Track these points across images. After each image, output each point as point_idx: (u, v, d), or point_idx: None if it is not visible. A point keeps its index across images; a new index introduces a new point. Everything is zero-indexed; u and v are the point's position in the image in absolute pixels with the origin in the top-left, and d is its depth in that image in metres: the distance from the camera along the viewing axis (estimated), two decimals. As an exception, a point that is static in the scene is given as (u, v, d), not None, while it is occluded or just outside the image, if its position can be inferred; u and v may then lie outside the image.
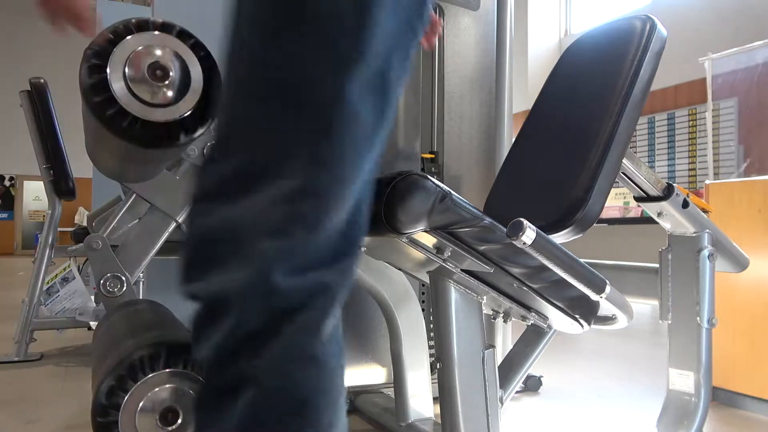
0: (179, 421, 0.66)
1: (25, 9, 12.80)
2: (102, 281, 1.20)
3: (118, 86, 0.72)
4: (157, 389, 0.66)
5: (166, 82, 0.74)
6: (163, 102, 0.75)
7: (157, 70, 0.74)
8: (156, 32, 0.75)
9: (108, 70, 0.72)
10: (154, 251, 1.29)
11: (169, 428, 0.66)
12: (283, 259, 0.54)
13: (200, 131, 0.78)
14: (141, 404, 0.65)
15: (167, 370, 0.66)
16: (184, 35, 0.78)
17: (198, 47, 0.79)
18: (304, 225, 0.54)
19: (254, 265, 0.53)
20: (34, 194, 13.68)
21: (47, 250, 2.57)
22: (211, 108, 0.79)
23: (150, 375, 0.66)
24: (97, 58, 0.72)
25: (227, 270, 0.53)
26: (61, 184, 2.61)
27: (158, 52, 0.75)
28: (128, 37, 0.73)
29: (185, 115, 0.77)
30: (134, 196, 1.30)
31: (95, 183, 3.47)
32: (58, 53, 12.36)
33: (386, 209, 0.78)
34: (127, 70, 0.73)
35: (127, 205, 1.31)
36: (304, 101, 0.53)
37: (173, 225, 1.30)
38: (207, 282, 0.54)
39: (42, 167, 2.60)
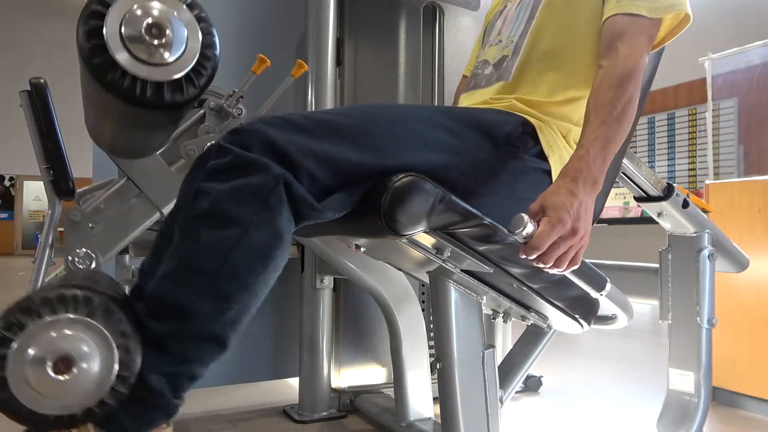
0: (74, 371, 0.63)
1: (26, 9, 12.81)
2: (71, 256, 1.17)
3: (112, 40, 0.72)
4: (53, 333, 0.62)
5: (162, 42, 0.74)
6: (156, 61, 0.75)
7: (154, 29, 0.74)
8: None
9: (105, 22, 0.72)
10: (131, 237, 1.27)
11: (61, 377, 0.62)
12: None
13: (190, 97, 0.78)
14: (34, 346, 0.62)
15: (71, 315, 0.63)
16: (190, 3, 0.78)
17: (200, 15, 0.79)
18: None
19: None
20: (34, 194, 13.68)
21: (47, 250, 2.56)
22: (204, 76, 0.79)
23: (51, 317, 0.62)
24: (96, 9, 0.72)
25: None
26: (61, 184, 2.60)
27: (156, 12, 0.74)
28: None
29: (177, 77, 0.76)
30: (125, 180, 1.28)
31: (95, 183, 3.46)
32: (58, 53, 12.36)
33: (385, 211, 0.78)
34: (123, 25, 0.73)
35: (116, 187, 1.29)
36: None
37: (157, 216, 1.28)
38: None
39: (42, 167, 2.60)
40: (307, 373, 1.75)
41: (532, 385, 2.09)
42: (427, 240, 0.87)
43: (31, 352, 0.62)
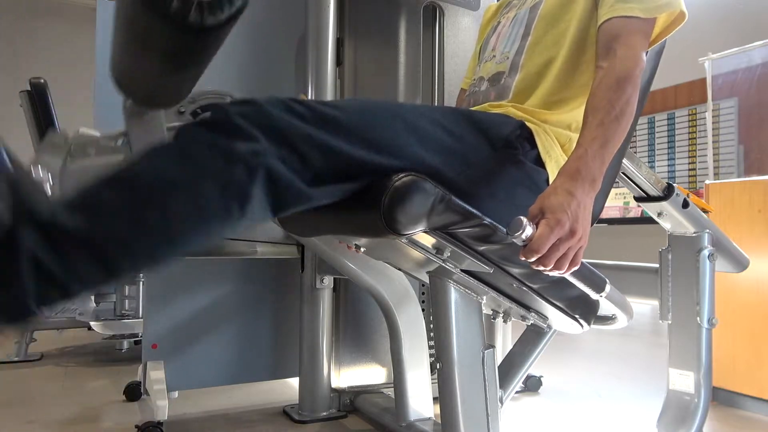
0: None
1: (26, 9, 12.79)
2: (32, 168, 1.12)
3: None
4: None
5: None
6: None
7: None
8: None
9: None
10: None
11: None
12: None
13: (225, 17, 0.79)
14: None
15: None
16: None
17: None
18: None
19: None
20: (34, 194, 13.68)
21: (47, 250, 2.56)
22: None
23: None
24: None
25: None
26: (61, 184, 2.61)
27: None
28: None
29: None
30: (123, 138, 1.25)
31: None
32: (58, 53, 12.34)
33: (385, 210, 0.78)
34: None
35: (109, 139, 1.25)
36: None
37: None
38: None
39: (42, 167, 2.60)
40: (307, 373, 1.75)
41: (532, 385, 2.09)
42: (427, 240, 0.87)
43: None
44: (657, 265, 1.40)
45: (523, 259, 0.80)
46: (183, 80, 1.08)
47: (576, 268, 0.84)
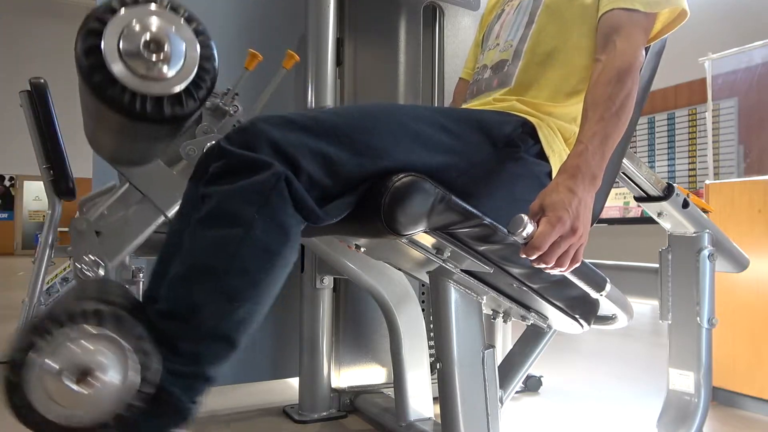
0: (96, 384, 0.63)
1: (25, 9, 12.80)
2: (80, 264, 1.18)
3: (111, 57, 0.72)
4: (71, 345, 0.63)
5: (161, 57, 0.74)
6: (156, 76, 0.75)
7: (152, 44, 0.74)
8: (154, 7, 0.75)
9: (102, 40, 0.72)
10: (137, 242, 1.28)
11: (82, 390, 0.63)
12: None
13: (190, 110, 0.78)
14: (56, 358, 0.62)
15: (95, 329, 0.64)
16: (187, 16, 0.78)
17: (198, 28, 0.79)
18: None
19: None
20: (34, 194, 13.67)
21: (47, 251, 2.56)
22: (203, 88, 0.79)
23: (67, 329, 0.63)
24: (93, 27, 0.72)
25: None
26: (61, 184, 2.61)
27: (155, 27, 0.74)
28: (124, 9, 0.73)
29: (176, 91, 0.76)
30: (127, 185, 1.29)
31: (95, 183, 3.45)
32: (58, 53, 12.35)
33: (385, 211, 0.78)
34: (121, 41, 0.73)
35: (119, 194, 1.30)
36: None
37: (161, 219, 1.29)
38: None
39: (42, 167, 2.60)
40: (307, 373, 1.75)
41: (532, 385, 2.09)
42: (427, 240, 0.87)
43: (50, 366, 0.62)
44: (657, 265, 1.40)
45: (524, 257, 0.80)
46: (148, 151, 1.08)
47: (577, 265, 0.84)
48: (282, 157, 0.73)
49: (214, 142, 0.95)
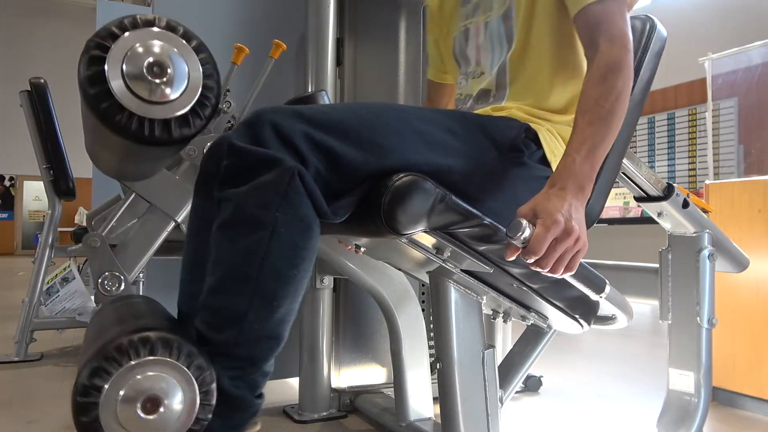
0: (161, 410, 0.65)
1: (26, 9, 12.81)
2: (100, 280, 1.20)
3: (115, 83, 0.72)
4: (140, 376, 0.65)
5: (164, 80, 0.74)
6: (161, 99, 0.75)
7: (155, 67, 0.74)
8: (155, 29, 0.75)
9: (106, 66, 0.72)
10: (152, 251, 1.29)
11: (150, 417, 0.65)
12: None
13: (197, 129, 0.78)
14: (123, 390, 0.64)
15: (152, 357, 0.66)
16: (184, 34, 0.78)
17: (198, 45, 0.79)
18: None
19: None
20: (34, 194, 13.68)
21: (47, 250, 2.57)
22: (208, 107, 0.79)
23: (134, 361, 0.65)
24: (96, 54, 0.72)
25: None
26: (61, 184, 2.61)
27: (156, 50, 0.74)
28: (126, 34, 0.73)
29: (183, 113, 0.77)
30: (134, 195, 1.30)
31: (95, 183, 3.46)
32: (58, 53, 12.36)
33: (385, 210, 0.78)
34: (125, 66, 0.73)
35: (126, 205, 1.31)
36: None
37: (172, 225, 1.29)
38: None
39: (42, 167, 2.60)
40: (307, 373, 1.75)
41: (532, 385, 2.09)
42: (427, 240, 0.87)
43: (118, 396, 0.64)
44: (657, 265, 1.40)
45: (523, 260, 0.80)
46: (153, 168, 1.08)
47: (572, 273, 0.84)
48: (290, 149, 0.74)
49: (212, 142, 0.95)
